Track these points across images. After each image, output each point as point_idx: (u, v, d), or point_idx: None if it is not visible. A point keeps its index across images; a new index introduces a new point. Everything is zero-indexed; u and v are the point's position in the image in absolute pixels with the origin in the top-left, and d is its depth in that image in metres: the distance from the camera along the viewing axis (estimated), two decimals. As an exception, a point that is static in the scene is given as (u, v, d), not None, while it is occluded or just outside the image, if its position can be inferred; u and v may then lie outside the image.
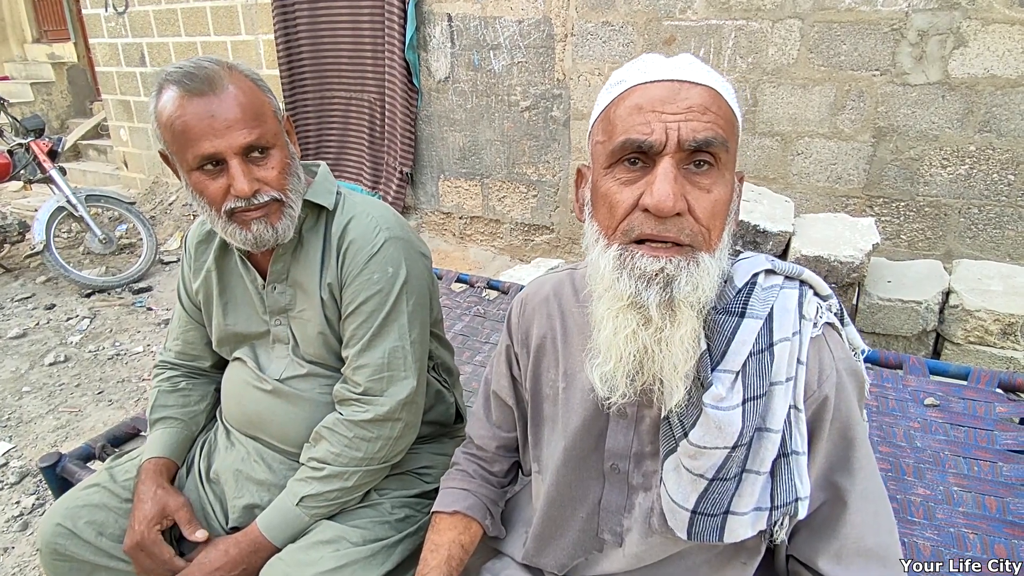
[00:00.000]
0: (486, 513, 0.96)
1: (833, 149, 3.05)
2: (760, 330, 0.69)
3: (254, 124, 0.97)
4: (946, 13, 2.66)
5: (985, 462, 1.36)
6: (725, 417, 0.67)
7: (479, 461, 1.02)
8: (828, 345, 0.73)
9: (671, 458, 0.73)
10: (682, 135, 0.64)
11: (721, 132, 0.65)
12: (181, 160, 0.98)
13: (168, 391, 1.23)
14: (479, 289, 2.28)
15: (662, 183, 0.63)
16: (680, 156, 0.65)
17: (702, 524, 0.71)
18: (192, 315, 1.25)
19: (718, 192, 0.66)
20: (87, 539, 1.08)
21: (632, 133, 0.65)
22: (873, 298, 2.45)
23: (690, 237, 0.66)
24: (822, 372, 0.72)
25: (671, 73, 0.67)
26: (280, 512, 1.04)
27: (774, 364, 0.69)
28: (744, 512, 0.70)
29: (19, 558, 2.03)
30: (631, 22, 3.33)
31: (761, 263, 0.74)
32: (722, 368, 0.69)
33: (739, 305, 0.70)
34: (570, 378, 0.84)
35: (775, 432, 0.69)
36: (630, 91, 0.68)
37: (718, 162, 0.67)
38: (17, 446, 2.58)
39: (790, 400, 0.69)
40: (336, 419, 1.06)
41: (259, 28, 4.73)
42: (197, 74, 0.95)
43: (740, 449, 0.69)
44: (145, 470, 1.12)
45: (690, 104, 0.65)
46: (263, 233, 1.00)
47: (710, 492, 0.70)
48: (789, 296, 0.72)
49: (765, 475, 0.70)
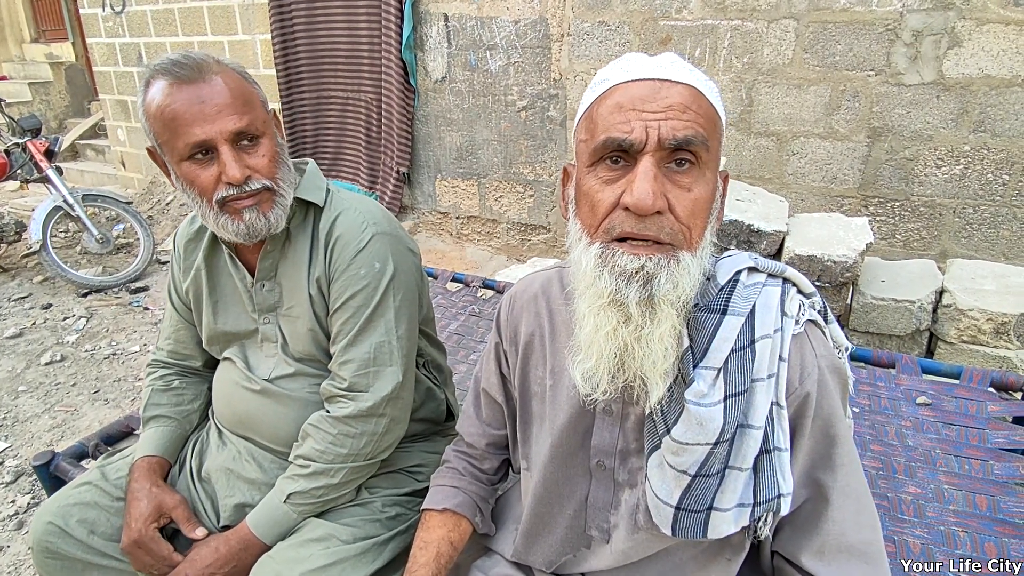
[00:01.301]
0: (476, 511, 0.96)
1: (828, 149, 3.05)
2: (741, 327, 0.70)
3: (244, 110, 0.97)
4: (940, 13, 2.67)
5: (976, 460, 1.37)
6: (707, 413, 0.68)
7: (469, 459, 1.02)
8: (811, 342, 0.74)
9: (655, 455, 0.73)
10: (662, 134, 0.64)
11: (702, 131, 0.66)
12: (171, 151, 0.98)
13: (161, 390, 1.23)
14: (474, 288, 2.29)
15: (642, 182, 0.64)
16: (661, 155, 0.65)
17: (686, 520, 0.72)
18: (183, 314, 1.25)
19: (699, 191, 0.67)
20: (78, 537, 1.08)
21: (613, 132, 0.66)
22: (867, 297, 2.46)
23: (670, 235, 0.66)
24: (804, 369, 0.72)
25: (653, 72, 0.67)
26: (268, 510, 1.04)
27: (755, 361, 0.69)
28: (727, 508, 0.71)
29: (15, 557, 2.03)
30: (627, 22, 3.33)
31: (744, 261, 0.74)
32: (704, 365, 0.69)
33: (721, 302, 0.71)
34: (557, 375, 0.84)
35: (757, 429, 0.69)
36: (612, 90, 0.68)
37: (699, 161, 0.67)
38: (13, 445, 2.58)
39: (772, 397, 0.70)
40: (321, 416, 1.06)
41: (256, 28, 4.73)
42: (185, 63, 0.95)
43: (722, 445, 0.69)
44: (138, 468, 1.12)
45: (670, 103, 0.65)
46: (255, 222, 1.00)
47: (693, 488, 0.71)
48: (771, 294, 0.72)
49: (748, 471, 0.70)
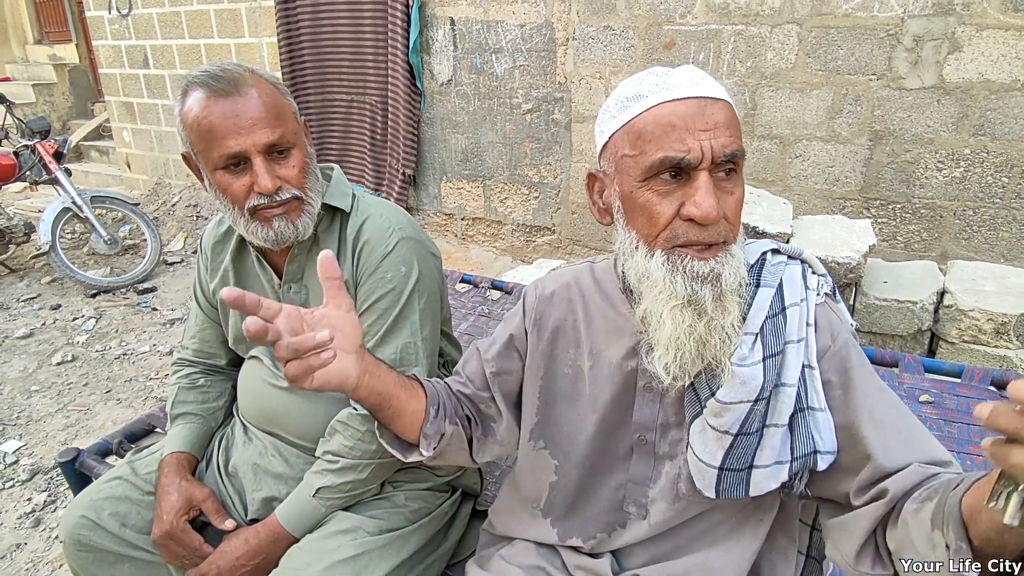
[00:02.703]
0: (437, 398, 0.94)
1: (831, 152, 3.09)
2: (773, 297, 0.79)
3: (276, 124, 1.01)
4: (941, 19, 2.71)
5: (979, 457, 1.40)
6: (748, 372, 0.76)
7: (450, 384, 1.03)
8: (833, 310, 0.83)
9: (697, 421, 0.80)
10: (715, 151, 0.72)
11: (740, 144, 0.74)
12: (206, 160, 1.02)
13: (187, 388, 1.27)
14: (483, 289, 2.32)
15: (706, 196, 0.72)
16: (712, 168, 0.73)
17: (728, 480, 0.79)
18: (208, 314, 1.29)
19: (739, 192, 0.76)
20: (111, 530, 1.12)
21: (670, 151, 0.72)
22: (870, 298, 2.50)
23: (724, 235, 0.75)
24: (833, 329, 0.81)
25: (694, 90, 0.74)
26: (297, 504, 1.08)
27: (787, 325, 0.78)
28: (767, 465, 0.78)
29: (32, 554, 2.07)
30: (632, 26, 3.37)
31: (767, 244, 0.85)
32: (744, 331, 0.78)
33: (754, 277, 0.81)
34: (596, 357, 0.90)
35: (791, 387, 0.77)
36: (657, 108, 0.75)
37: (738, 167, 0.76)
38: (27, 444, 2.61)
39: (803, 359, 0.78)
40: (349, 414, 1.09)
41: (263, 31, 4.77)
42: (223, 76, 0.99)
43: (761, 403, 0.77)
44: (167, 463, 1.16)
45: (716, 120, 0.73)
46: (284, 230, 1.04)
47: (735, 447, 0.78)
48: (794, 270, 0.82)
49: (784, 428, 0.77)
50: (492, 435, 0.99)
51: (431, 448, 0.92)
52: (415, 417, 0.91)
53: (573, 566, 0.92)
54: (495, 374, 0.98)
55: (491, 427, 1.00)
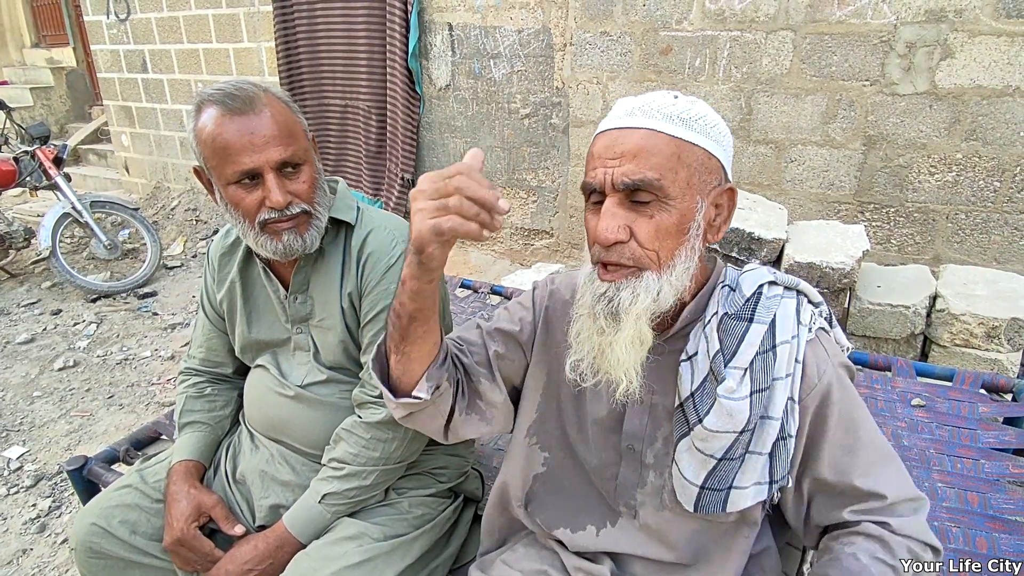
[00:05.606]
0: (447, 350, 0.92)
1: (825, 156, 3.13)
2: (765, 334, 0.81)
3: (289, 141, 1.04)
4: (933, 26, 2.75)
5: (968, 460, 1.43)
6: (735, 406, 0.79)
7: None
8: (823, 346, 0.86)
9: (684, 440, 0.84)
10: (615, 179, 0.77)
11: (651, 173, 0.76)
12: (219, 175, 1.05)
13: (195, 396, 1.30)
14: (483, 294, 2.35)
15: (603, 219, 0.78)
16: (621, 195, 0.78)
17: (708, 498, 0.84)
18: (215, 324, 1.31)
19: (660, 218, 0.78)
20: (121, 537, 1.14)
21: (587, 177, 0.81)
22: (864, 303, 2.53)
23: (633, 259, 0.78)
24: (819, 367, 0.84)
25: (620, 121, 0.80)
26: (304, 510, 1.10)
27: (776, 362, 0.81)
28: (745, 487, 0.83)
29: (38, 559, 2.09)
30: (628, 32, 3.41)
31: (764, 275, 0.86)
32: (733, 365, 0.80)
33: (748, 312, 0.83)
34: None
35: (775, 420, 0.81)
36: (597, 138, 0.83)
37: (661, 194, 0.77)
38: (31, 450, 2.63)
39: (788, 393, 0.81)
40: (354, 421, 1.12)
41: (261, 36, 4.79)
42: (238, 95, 1.02)
43: (746, 434, 0.81)
44: (176, 471, 1.18)
45: (624, 151, 0.77)
46: (293, 243, 1.08)
47: (717, 470, 0.82)
48: (789, 305, 0.84)
49: (765, 456, 0.82)
50: (476, 412, 0.97)
51: (429, 392, 0.87)
52: (432, 350, 0.87)
53: (573, 568, 0.95)
54: (499, 355, 0.99)
55: (477, 404, 0.97)
